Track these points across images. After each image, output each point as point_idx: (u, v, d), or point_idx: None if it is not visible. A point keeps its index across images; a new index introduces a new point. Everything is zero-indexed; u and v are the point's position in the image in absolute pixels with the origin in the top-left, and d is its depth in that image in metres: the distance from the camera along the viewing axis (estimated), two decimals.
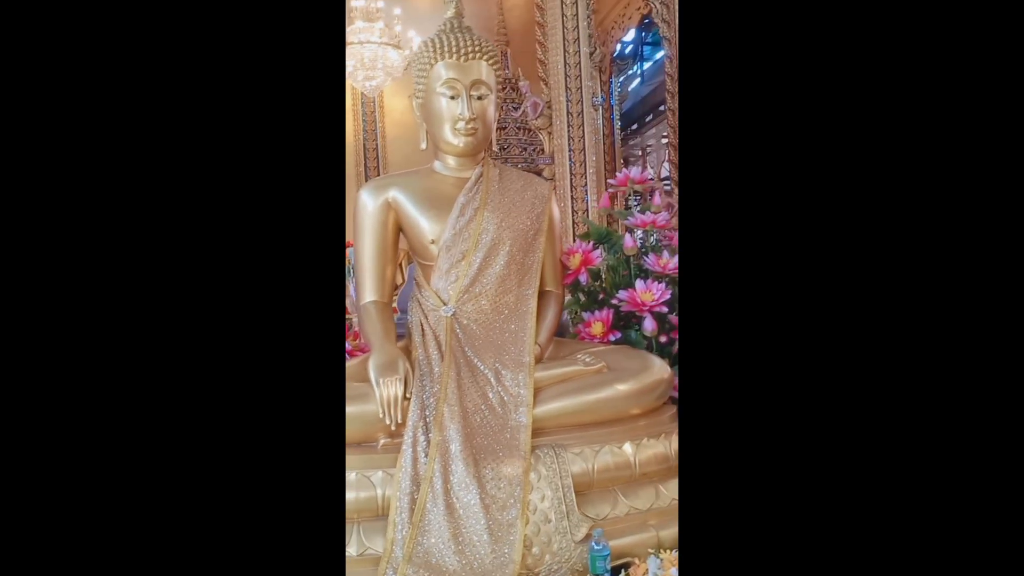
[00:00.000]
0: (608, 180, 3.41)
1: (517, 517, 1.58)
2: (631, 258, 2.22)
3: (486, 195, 1.98)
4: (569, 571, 1.59)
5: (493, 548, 1.55)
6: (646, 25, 7.11)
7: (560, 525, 1.61)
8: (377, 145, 6.86)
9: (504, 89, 7.20)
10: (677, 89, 5.65)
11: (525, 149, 7.11)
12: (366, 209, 2.01)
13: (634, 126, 7.45)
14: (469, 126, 1.93)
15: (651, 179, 2.39)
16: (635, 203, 2.72)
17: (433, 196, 2.00)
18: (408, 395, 1.69)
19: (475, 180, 2.00)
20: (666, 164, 8.28)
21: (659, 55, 7.66)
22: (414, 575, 1.51)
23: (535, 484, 1.63)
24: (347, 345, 2.00)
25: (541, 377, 1.81)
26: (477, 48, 1.95)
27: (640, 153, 8.08)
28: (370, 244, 2.01)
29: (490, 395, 1.77)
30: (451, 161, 2.04)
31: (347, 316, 2.61)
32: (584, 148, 5.40)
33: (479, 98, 1.95)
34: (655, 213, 2.26)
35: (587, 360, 1.86)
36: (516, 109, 6.94)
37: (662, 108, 7.52)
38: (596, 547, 1.55)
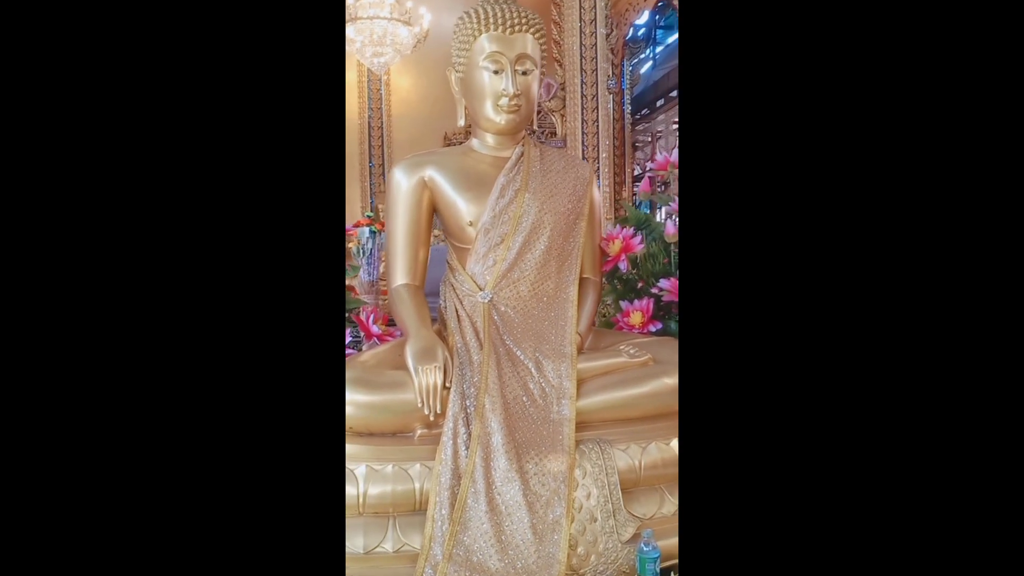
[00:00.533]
0: (647, 163, 3.32)
1: (563, 515, 1.50)
2: (671, 245, 2.14)
3: (527, 176, 1.88)
4: (615, 572, 1.51)
5: (537, 548, 1.47)
6: (660, 8, 7.00)
7: (606, 524, 1.53)
8: (382, 123, 6.73)
9: None
10: None
11: (533, 132, 7.02)
12: (400, 188, 1.91)
13: (644, 111, 7.33)
14: (512, 103, 1.83)
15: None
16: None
17: (471, 175, 1.90)
18: (448, 384, 1.61)
19: (516, 160, 1.90)
20: (676, 151, 8.19)
21: (672, 39, 7.55)
22: (455, 574, 1.43)
23: (580, 481, 1.56)
24: (376, 329, 1.91)
25: (584, 368, 1.72)
26: (524, 20, 1.85)
27: (650, 139, 7.97)
28: (403, 224, 1.91)
29: (531, 386, 1.69)
30: (490, 139, 1.94)
31: (355, 296, 2.52)
32: (598, 132, 5.30)
33: (524, 73, 1.85)
34: None
35: (631, 352, 1.77)
36: None
37: (674, 93, 7.42)
38: (646, 548, 1.48)
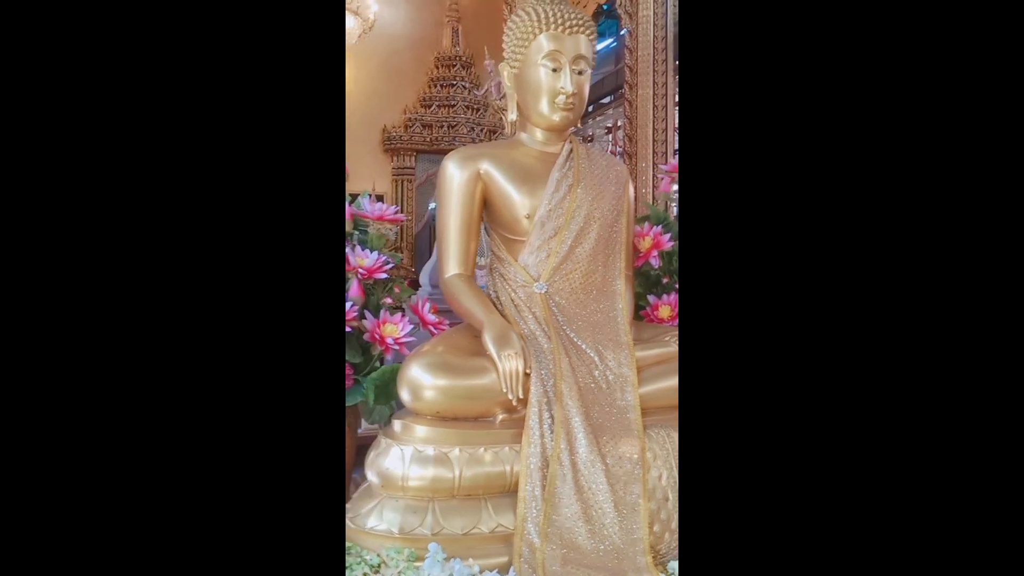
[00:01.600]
0: (660, 165, 3.44)
1: (640, 495, 1.58)
2: None
3: (578, 172, 1.96)
4: None
5: (621, 526, 1.55)
6: (595, 15, 7.19)
7: (677, 503, 1.63)
8: None
9: (455, 67, 7.11)
10: (637, 81, 5.77)
11: (472, 129, 7.06)
12: (453, 180, 1.94)
13: None
14: (569, 101, 1.90)
15: None
16: None
17: (523, 169, 1.95)
18: (528, 370, 1.66)
19: (567, 156, 1.97)
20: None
21: (603, 45, 7.76)
22: (552, 553, 1.49)
23: (651, 463, 1.64)
24: (432, 318, 1.93)
25: (640, 357, 1.81)
26: (580, 22, 1.93)
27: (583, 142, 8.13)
28: (456, 216, 1.94)
29: (596, 374, 1.76)
30: (539, 135, 2.00)
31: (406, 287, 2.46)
32: None
33: (579, 73, 1.92)
34: None
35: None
36: (474, 88, 6.85)
37: (605, 100, 7.63)
38: None
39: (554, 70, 1.90)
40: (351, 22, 5.73)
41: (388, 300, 1.85)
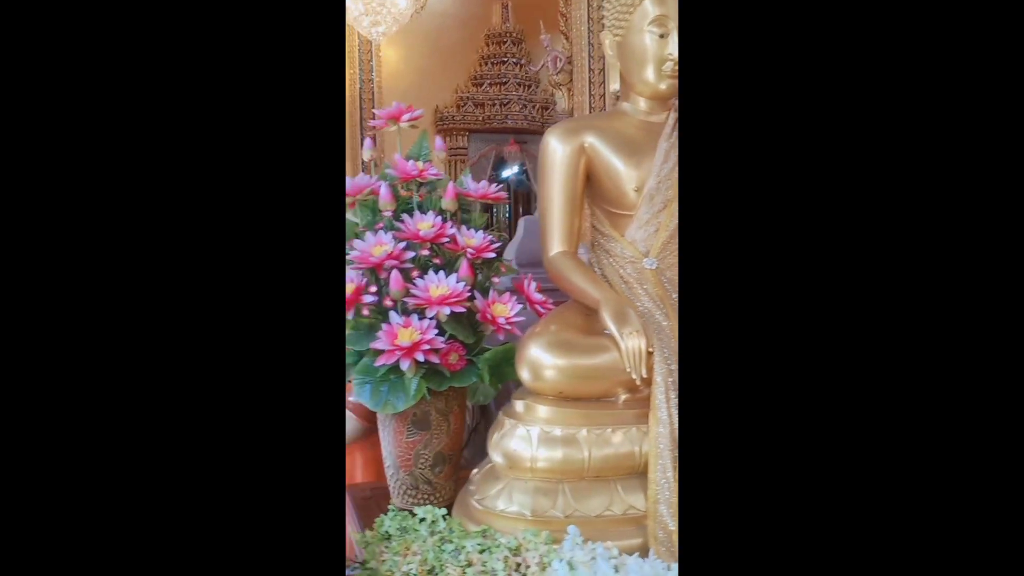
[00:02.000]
0: None
1: None
2: None
3: None
4: None
5: None
6: None
7: None
8: (373, 96, 6.57)
9: (505, 44, 7.04)
10: None
11: (525, 106, 6.99)
12: (556, 155, 1.89)
13: None
14: (677, 67, 1.83)
15: None
16: None
17: (629, 141, 1.89)
18: (650, 348, 1.61)
19: (673, 125, 1.90)
20: None
21: None
22: None
23: None
24: (539, 296, 1.89)
25: None
26: None
27: None
28: (560, 192, 1.89)
29: None
30: (643, 104, 1.94)
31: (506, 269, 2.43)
32: (604, 106, 5.32)
33: None
34: None
35: None
36: (527, 64, 6.77)
37: None
38: None
39: (661, 36, 1.82)
40: (403, 2, 5.68)
41: (496, 279, 1.81)
